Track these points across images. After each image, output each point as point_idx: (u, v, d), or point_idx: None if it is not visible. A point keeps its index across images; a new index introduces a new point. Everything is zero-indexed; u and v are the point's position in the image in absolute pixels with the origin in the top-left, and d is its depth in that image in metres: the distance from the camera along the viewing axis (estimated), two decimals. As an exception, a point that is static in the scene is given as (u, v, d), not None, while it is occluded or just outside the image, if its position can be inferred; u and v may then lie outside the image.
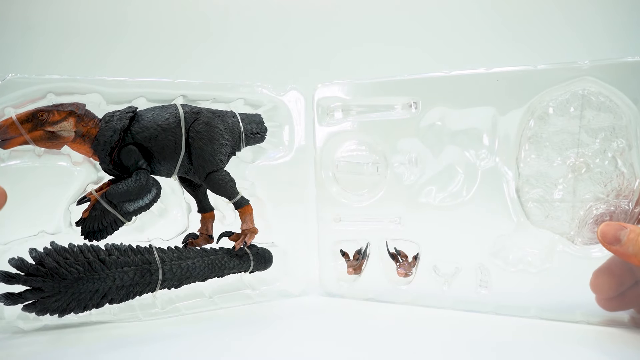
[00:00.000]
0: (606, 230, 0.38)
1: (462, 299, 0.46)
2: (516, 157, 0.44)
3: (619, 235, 0.37)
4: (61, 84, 0.42)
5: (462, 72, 0.45)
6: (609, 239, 0.38)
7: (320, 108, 0.51)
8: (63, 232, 0.43)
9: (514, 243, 0.45)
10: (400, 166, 0.49)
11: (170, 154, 0.44)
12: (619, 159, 0.41)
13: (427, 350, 0.37)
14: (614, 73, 0.41)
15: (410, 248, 0.49)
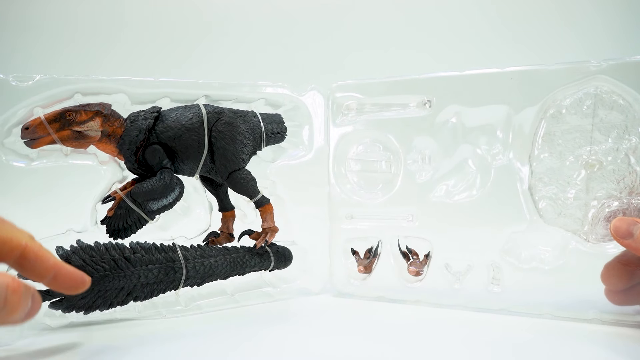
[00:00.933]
0: (619, 225, 0.39)
1: (474, 297, 0.46)
2: (529, 155, 0.45)
3: (632, 230, 0.38)
4: (88, 85, 0.43)
5: (475, 71, 0.46)
6: (622, 234, 0.38)
7: (335, 106, 0.51)
8: (90, 230, 0.44)
9: (527, 241, 0.45)
10: (413, 164, 0.49)
11: (193, 153, 0.45)
12: (632, 157, 0.42)
13: (439, 349, 0.37)
14: (627, 72, 0.42)
15: (422, 246, 0.49)
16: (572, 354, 0.36)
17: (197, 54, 0.83)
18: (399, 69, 0.78)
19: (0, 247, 0.32)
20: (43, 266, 0.33)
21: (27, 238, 0.33)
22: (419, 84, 0.49)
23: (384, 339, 0.39)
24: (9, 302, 0.30)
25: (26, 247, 0.32)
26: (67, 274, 0.33)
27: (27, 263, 0.32)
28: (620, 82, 0.42)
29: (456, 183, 0.48)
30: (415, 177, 0.49)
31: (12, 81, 0.41)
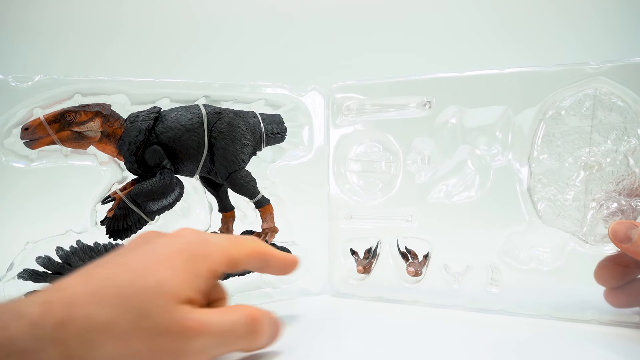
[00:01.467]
0: (617, 229, 0.39)
1: (472, 298, 0.46)
2: (528, 156, 0.45)
3: (630, 234, 0.38)
4: (87, 85, 0.43)
5: (475, 72, 0.46)
6: (620, 237, 0.38)
7: (335, 106, 0.51)
8: (89, 231, 0.44)
9: (525, 242, 0.45)
10: (413, 164, 0.49)
11: (193, 154, 0.45)
12: (631, 158, 0.42)
13: (438, 349, 0.37)
14: (626, 74, 0.42)
15: (420, 247, 0.49)
16: (571, 354, 0.36)
17: (197, 54, 0.83)
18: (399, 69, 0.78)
19: (252, 263, 0.35)
20: (278, 266, 0.37)
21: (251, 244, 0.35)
22: (418, 84, 0.49)
23: (383, 339, 0.39)
24: (252, 332, 0.32)
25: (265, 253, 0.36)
26: (291, 261, 0.37)
27: (268, 267, 0.36)
28: (620, 84, 0.42)
29: (455, 184, 0.48)
30: (415, 177, 0.49)
31: (12, 82, 0.41)
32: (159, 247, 0.31)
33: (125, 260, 0.30)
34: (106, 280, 0.28)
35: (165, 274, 0.29)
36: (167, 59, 0.82)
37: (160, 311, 0.27)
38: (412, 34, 0.82)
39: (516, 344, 0.38)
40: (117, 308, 0.27)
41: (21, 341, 0.24)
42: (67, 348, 0.25)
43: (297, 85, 0.51)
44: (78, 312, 0.26)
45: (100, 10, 0.83)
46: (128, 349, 0.26)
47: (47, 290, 0.27)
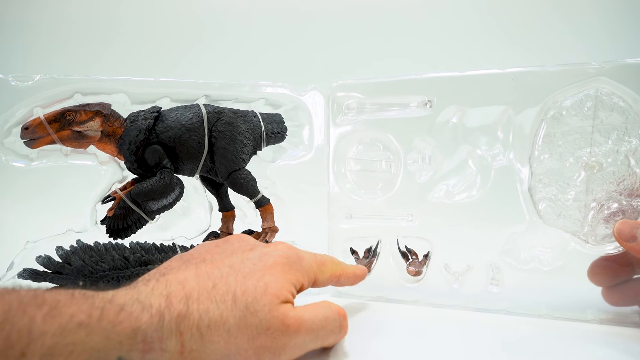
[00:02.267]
0: (622, 228, 0.39)
1: (473, 298, 0.46)
2: (529, 156, 0.45)
3: (635, 233, 0.38)
4: (88, 84, 0.43)
5: (476, 72, 0.46)
6: (626, 237, 0.39)
7: (335, 106, 0.51)
8: (89, 230, 0.44)
9: (526, 241, 0.45)
10: (413, 164, 0.49)
11: (193, 153, 0.45)
12: (632, 158, 0.42)
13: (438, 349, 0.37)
14: (627, 74, 0.42)
15: (421, 246, 0.49)
16: (571, 353, 0.36)
17: (197, 54, 0.82)
18: (400, 69, 0.78)
19: (327, 282, 0.39)
20: (349, 279, 0.42)
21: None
22: (419, 84, 0.48)
23: (382, 339, 0.39)
24: (343, 326, 0.35)
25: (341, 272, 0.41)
26: (360, 273, 0.43)
27: (339, 282, 0.41)
28: (621, 84, 0.42)
29: (456, 183, 0.48)
30: (415, 177, 0.49)
31: (12, 81, 0.41)
32: (262, 257, 0.34)
33: (231, 262, 0.33)
34: (218, 279, 0.31)
35: (270, 279, 0.32)
36: (168, 58, 0.82)
37: (265, 309, 0.30)
38: (412, 33, 0.82)
39: (516, 344, 0.38)
40: (229, 304, 0.30)
41: (150, 330, 0.27)
42: (185, 339, 0.28)
43: (297, 85, 0.51)
44: (195, 306, 0.29)
45: (100, 10, 0.82)
46: (235, 346, 0.29)
47: (168, 281, 0.30)
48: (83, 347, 0.24)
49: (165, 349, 0.27)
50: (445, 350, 0.37)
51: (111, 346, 0.25)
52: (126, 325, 0.26)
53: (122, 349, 0.25)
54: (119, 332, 0.25)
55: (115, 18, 0.83)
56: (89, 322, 0.25)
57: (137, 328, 0.26)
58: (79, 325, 0.24)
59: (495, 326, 0.42)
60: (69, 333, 0.24)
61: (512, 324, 0.42)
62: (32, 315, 0.23)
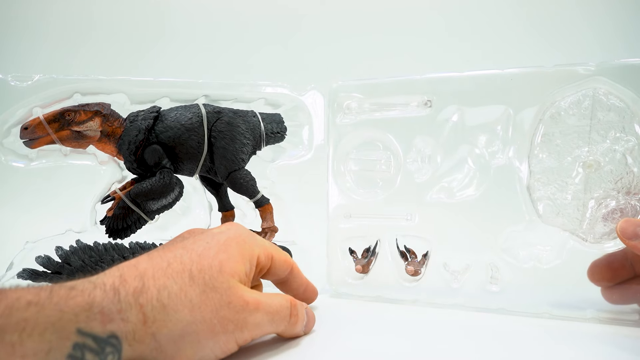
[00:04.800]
0: (625, 227, 0.39)
1: (472, 297, 0.46)
2: (528, 155, 0.45)
3: (638, 232, 0.38)
4: (87, 84, 0.43)
5: (475, 72, 0.47)
6: (628, 235, 0.39)
7: (336, 105, 0.51)
8: (89, 230, 0.44)
9: (525, 240, 0.45)
10: (413, 163, 0.49)
11: (193, 153, 0.45)
12: (629, 157, 0.42)
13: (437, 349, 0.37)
14: (624, 74, 0.42)
15: (420, 246, 0.49)
16: (570, 352, 0.36)
17: (197, 54, 0.82)
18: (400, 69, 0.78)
19: (282, 265, 0.39)
20: (301, 281, 0.41)
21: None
22: (419, 84, 0.49)
23: (382, 339, 0.39)
24: (293, 315, 0.36)
25: (293, 264, 0.40)
26: (312, 288, 0.43)
27: (292, 278, 0.41)
28: (618, 84, 0.42)
29: (455, 182, 0.48)
30: (415, 176, 0.49)
31: (11, 81, 0.41)
32: (214, 236, 0.34)
33: (184, 244, 0.33)
34: (172, 258, 0.31)
35: (224, 256, 0.33)
36: (167, 58, 0.82)
37: (224, 286, 0.31)
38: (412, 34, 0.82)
39: (516, 343, 0.38)
40: (187, 281, 0.30)
41: (105, 304, 0.27)
42: (146, 310, 0.28)
43: (296, 85, 0.51)
44: (152, 282, 0.29)
45: (100, 10, 0.82)
46: (200, 316, 0.30)
47: (120, 266, 0.30)
48: (35, 322, 0.24)
49: (127, 319, 0.27)
50: (445, 350, 0.37)
51: (67, 318, 0.25)
52: (79, 300, 0.26)
53: (79, 320, 0.25)
54: (72, 306, 0.25)
55: (115, 18, 0.83)
56: (37, 300, 0.25)
57: (91, 302, 0.26)
58: (27, 304, 0.24)
59: (494, 325, 0.42)
60: (17, 311, 0.24)
61: (512, 323, 0.42)
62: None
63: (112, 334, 0.27)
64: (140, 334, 0.28)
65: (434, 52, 0.80)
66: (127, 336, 0.27)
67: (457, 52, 0.80)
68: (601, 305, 0.42)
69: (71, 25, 0.82)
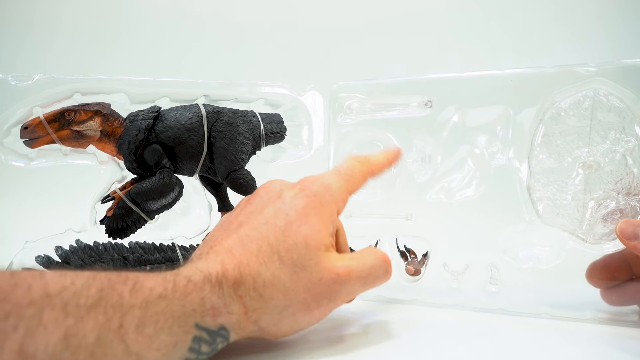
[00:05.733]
0: (624, 227, 0.39)
1: (471, 297, 0.46)
2: (528, 155, 0.45)
3: (638, 232, 0.38)
4: (87, 84, 0.43)
5: (475, 72, 0.47)
6: (628, 235, 0.39)
7: (336, 106, 0.51)
8: (89, 230, 0.44)
9: (525, 240, 0.45)
10: (413, 163, 0.50)
11: (192, 153, 0.45)
12: (629, 158, 0.42)
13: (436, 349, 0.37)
14: (624, 74, 0.42)
15: (420, 246, 0.49)
16: (569, 353, 0.36)
17: (197, 54, 0.83)
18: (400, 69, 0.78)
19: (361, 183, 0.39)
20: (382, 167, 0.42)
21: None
22: (419, 84, 0.49)
23: (381, 339, 0.39)
24: (388, 271, 0.37)
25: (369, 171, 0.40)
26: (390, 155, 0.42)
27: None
28: (618, 85, 0.42)
29: (455, 183, 0.48)
30: (415, 176, 0.49)
31: (12, 80, 0.41)
32: (292, 203, 0.35)
33: (265, 219, 0.34)
34: (260, 240, 0.33)
35: (306, 229, 0.33)
36: (167, 58, 0.82)
37: (312, 263, 0.32)
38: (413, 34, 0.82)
39: (515, 343, 0.38)
40: (277, 265, 0.32)
41: (214, 298, 0.29)
42: (246, 301, 0.30)
43: (296, 85, 0.51)
44: (248, 271, 0.31)
45: (99, 9, 0.82)
46: (294, 297, 0.32)
47: (217, 252, 0.32)
48: (165, 316, 0.27)
49: (231, 312, 0.30)
50: (444, 350, 0.37)
51: (187, 313, 0.28)
52: (195, 296, 0.28)
53: (196, 315, 0.28)
54: (190, 301, 0.28)
55: (114, 18, 0.83)
56: (166, 294, 0.27)
57: (203, 297, 0.29)
58: (158, 297, 0.27)
59: (493, 325, 0.42)
60: (152, 304, 0.26)
61: (511, 323, 0.42)
62: (120, 291, 0.26)
63: (222, 326, 0.29)
64: (244, 323, 0.31)
65: (434, 52, 0.80)
66: (233, 326, 0.30)
67: (457, 52, 0.81)
68: (600, 306, 0.43)
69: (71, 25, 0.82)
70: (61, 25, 0.81)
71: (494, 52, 0.79)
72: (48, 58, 0.80)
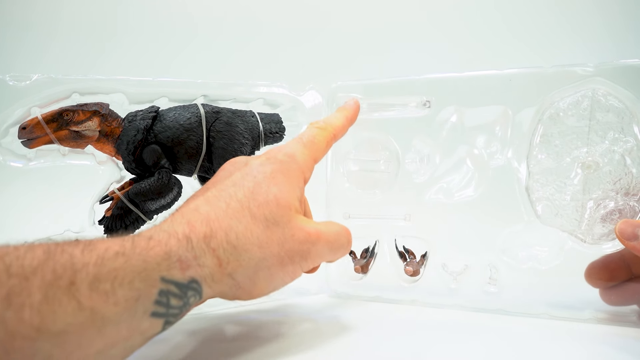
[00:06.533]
0: (624, 227, 0.39)
1: (470, 297, 0.46)
2: (526, 155, 0.45)
3: (637, 233, 0.39)
4: (85, 84, 0.43)
5: (474, 72, 0.47)
6: (627, 236, 0.39)
7: (335, 106, 0.51)
8: (87, 230, 0.44)
9: (524, 241, 0.46)
10: (412, 163, 0.50)
11: (191, 153, 0.45)
12: (628, 158, 0.42)
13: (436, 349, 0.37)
14: (623, 74, 0.42)
15: (418, 246, 0.49)
16: (569, 353, 0.36)
17: (196, 54, 0.82)
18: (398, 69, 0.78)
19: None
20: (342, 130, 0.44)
21: None
22: (418, 84, 0.49)
23: (380, 339, 0.39)
24: (350, 242, 0.39)
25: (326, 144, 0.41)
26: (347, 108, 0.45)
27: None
28: (617, 85, 0.42)
29: (454, 183, 0.48)
30: (414, 177, 0.50)
31: (10, 81, 0.41)
32: (259, 168, 0.35)
33: (233, 180, 0.34)
34: (228, 198, 0.32)
35: (275, 190, 0.33)
36: (166, 58, 0.82)
37: (284, 220, 0.33)
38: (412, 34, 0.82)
39: (514, 343, 0.38)
40: (249, 220, 0.32)
41: (181, 252, 0.29)
42: (219, 254, 0.30)
43: (295, 85, 0.51)
44: (218, 225, 0.31)
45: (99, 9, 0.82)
46: (269, 251, 0.32)
47: (183, 212, 0.32)
48: (124, 271, 0.26)
49: (203, 264, 0.29)
50: (443, 350, 0.37)
51: (151, 268, 0.27)
52: (158, 250, 0.28)
53: (161, 269, 0.27)
54: (153, 255, 0.27)
55: (113, 18, 0.83)
56: (123, 251, 0.27)
57: (168, 251, 0.28)
58: (115, 254, 0.26)
59: (492, 326, 0.42)
60: (108, 261, 0.26)
61: (510, 323, 0.42)
62: (70, 252, 0.25)
63: (192, 279, 0.29)
64: (217, 275, 0.30)
65: (433, 52, 0.80)
66: (205, 279, 0.29)
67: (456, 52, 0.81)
68: (600, 306, 0.43)
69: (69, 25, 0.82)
70: (59, 25, 0.81)
71: (493, 52, 0.79)
72: (46, 58, 0.80)
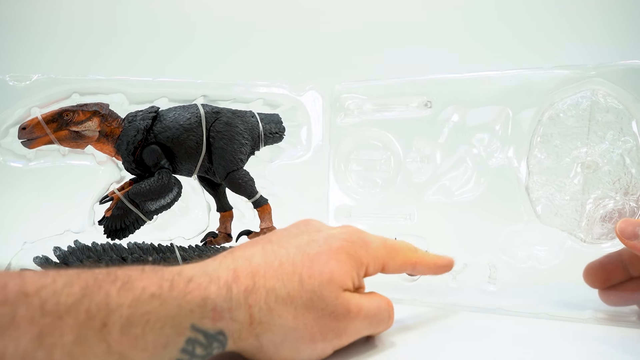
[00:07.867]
0: (624, 227, 0.39)
1: (470, 296, 0.46)
2: (526, 155, 0.46)
3: (637, 232, 0.38)
4: (85, 84, 0.43)
5: (475, 73, 0.47)
6: (628, 235, 0.39)
7: (337, 105, 0.51)
8: (87, 230, 0.44)
9: (523, 240, 0.45)
10: (412, 163, 0.50)
11: (191, 154, 0.45)
12: (627, 158, 0.42)
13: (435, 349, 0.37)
14: (622, 75, 0.42)
15: (419, 245, 0.49)
16: (568, 353, 0.36)
17: (196, 54, 0.82)
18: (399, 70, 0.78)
19: (398, 269, 0.39)
20: (428, 269, 0.41)
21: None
22: (419, 85, 0.49)
23: (379, 339, 0.39)
24: (391, 316, 0.37)
25: (417, 261, 0.40)
26: (443, 263, 0.42)
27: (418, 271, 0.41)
28: (616, 85, 0.42)
29: (454, 182, 0.48)
30: (414, 176, 0.50)
31: (10, 81, 0.41)
32: (328, 239, 0.34)
33: (297, 242, 0.34)
34: (285, 257, 0.32)
35: (335, 266, 0.33)
36: (166, 58, 0.82)
37: (331, 295, 0.32)
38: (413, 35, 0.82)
39: (513, 343, 0.38)
40: (296, 285, 0.31)
41: (218, 301, 0.28)
42: (254, 311, 0.29)
43: (295, 85, 0.51)
44: (262, 282, 0.30)
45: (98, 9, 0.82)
46: (302, 322, 0.31)
47: (235, 257, 0.31)
48: (157, 315, 0.25)
49: (235, 319, 0.28)
50: (443, 349, 0.37)
51: (184, 314, 0.26)
52: (196, 295, 0.27)
53: (193, 316, 0.27)
54: (189, 300, 0.27)
55: (113, 18, 0.83)
56: (160, 293, 0.26)
57: (206, 297, 0.27)
58: (151, 296, 0.26)
59: (491, 325, 0.42)
60: (143, 304, 0.25)
61: (509, 322, 0.42)
62: (107, 290, 0.25)
63: (221, 331, 0.28)
64: (245, 334, 0.29)
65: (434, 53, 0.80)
66: (233, 334, 0.29)
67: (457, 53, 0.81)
68: (599, 306, 0.43)
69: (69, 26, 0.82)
70: (59, 25, 0.81)
71: (493, 53, 0.79)
72: (46, 58, 0.80)
